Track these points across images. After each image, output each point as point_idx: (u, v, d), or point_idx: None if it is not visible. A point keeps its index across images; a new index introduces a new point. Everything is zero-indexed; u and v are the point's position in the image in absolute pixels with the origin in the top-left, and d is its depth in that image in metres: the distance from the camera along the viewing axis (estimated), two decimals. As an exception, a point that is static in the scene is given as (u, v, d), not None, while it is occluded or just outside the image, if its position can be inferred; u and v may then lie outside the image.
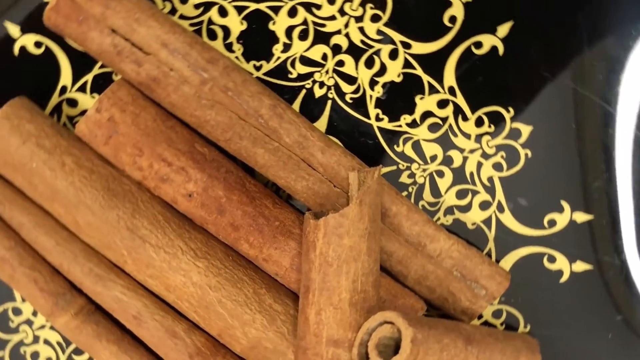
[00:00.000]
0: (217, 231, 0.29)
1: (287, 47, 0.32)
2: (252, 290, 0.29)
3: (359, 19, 0.31)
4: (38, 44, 0.31)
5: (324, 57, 0.32)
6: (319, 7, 0.31)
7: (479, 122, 0.31)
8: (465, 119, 0.31)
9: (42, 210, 0.30)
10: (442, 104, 0.31)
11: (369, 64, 0.31)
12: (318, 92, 0.32)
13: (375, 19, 0.31)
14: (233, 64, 0.29)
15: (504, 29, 0.31)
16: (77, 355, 0.32)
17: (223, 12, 0.31)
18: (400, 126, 0.32)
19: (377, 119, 0.32)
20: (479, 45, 0.31)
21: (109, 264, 0.30)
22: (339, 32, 0.31)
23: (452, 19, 0.31)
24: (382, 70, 0.31)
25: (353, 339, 0.26)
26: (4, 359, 0.32)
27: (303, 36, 0.31)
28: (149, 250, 0.28)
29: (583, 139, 0.31)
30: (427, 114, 0.32)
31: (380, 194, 0.28)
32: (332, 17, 0.31)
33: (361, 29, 0.31)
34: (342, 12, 0.31)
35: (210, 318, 0.29)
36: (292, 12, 0.31)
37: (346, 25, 0.31)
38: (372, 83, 0.32)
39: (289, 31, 0.31)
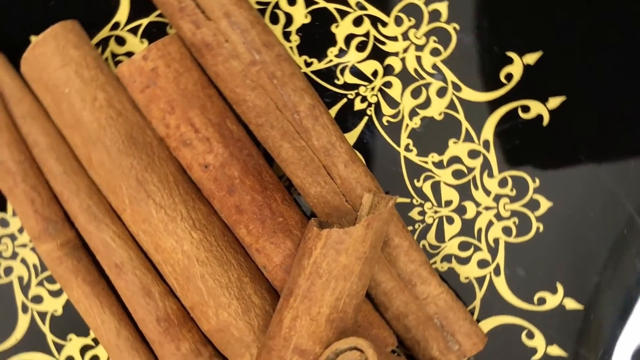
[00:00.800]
0: (221, 209, 0.29)
1: (342, 53, 0.31)
2: (236, 275, 0.29)
3: (419, 48, 0.31)
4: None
5: (375, 73, 0.31)
6: (385, 24, 0.31)
7: (502, 183, 0.31)
8: (490, 175, 0.31)
9: (60, 136, 0.30)
10: (473, 154, 0.31)
11: (416, 94, 0.31)
12: (358, 106, 0.32)
13: (435, 52, 0.31)
14: (286, 54, 0.29)
15: (555, 102, 0.31)
16: (49, 283, 0.32)
17: (292, 1, 0.31)
18: (426, 162, 0.32)
19: (407, 149, 0.32)
20: (526, 109, 0.31)
21: (108, 208, 0.29)
22: (396, 54, 0.31)
23: (509, 77, 0.31)
24: (426, 103, 0.31)
25: (319, 355, 0.26)
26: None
27: (361, 47, 0.31)
28: (151, 206, 0.28)
29: (597, 232, 0.31)
30: (455, 159, 0.31)
31: (389, 223, 0.28)
32: (394, 38, 0.31)
33: (418, 58, 0.31)
34: (405, 36, 0.31)
35: (188, 289, 0.29)
36: (358, 22, 0.31)
37: (405, 50, 0.31)
38: (413, 113, 0.31)
39: (348, 38, 0.31)
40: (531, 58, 0.31)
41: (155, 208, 0.28)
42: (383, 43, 0.31)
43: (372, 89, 0.32)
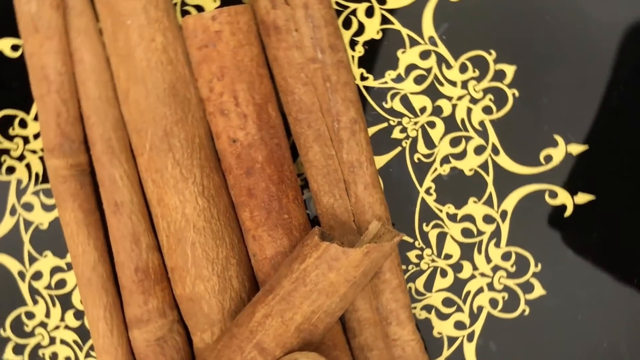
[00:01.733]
0: (233, 186, 0.29)
1: (399, 79, 0.31)
2: (225, 254, 0.29)
3: (473, 100, 0.31)
4: None
5: (423, 109, 0.31)
6: (449, 66, 0.31)
7: (506, 256, 0.31)
8: (497, 245, 0.31)
9: (106, 62, 0.30)
10: (487, 219, 0.31)
11: (455, 142, 0.31)
12: (396, 134, 0.32)
13: (487, 110, 0.31)
14: (347, 62, 0.29)
15: (584, 198, 0.31)
16: (44, 196, 0.32)
17: (370, 13, 0.31)
18: (441, 211, 0.31)
19: (427, 192, 0.31)
20: (553, 194, 0.31)
21: (127, 146, 0.29)
22: (450, 98, 0.31)
23: (548, 158, 0.31)
24: (461, 155, 0.31)
25: (277, 358, 0.26)
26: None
27: (419, 80, 0.31)
28: (169, 160, 0.28)
29: (577, 339, 0.31)
30: (469, 218, 0.31)
31: (387, 257, 0.28)
32: (454, 83, 0.31)
33: (469, 110, 0.31)
34: (464, 84, 0.31)
35: (175, 251, 0.29)
36: (425, 55, 0.31)
37: (460, 98, 0.31)
38: (445, 160, 0.31)
39: (410, 67, 0.31)
40: (576, 149, 0.31)
41: (172, 163, 0.28)
42: (441, 84, 0.31)
43: (415, 123, 0.31)
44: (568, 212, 0.31)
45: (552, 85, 0.31)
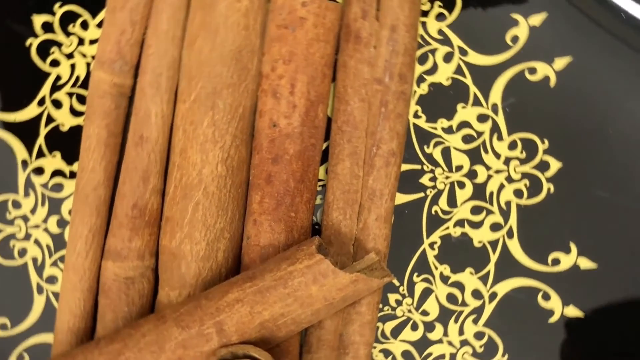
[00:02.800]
0: (256, 166, 0.29)
1: (448, 130, 0.31)
2: (222, 226, 0.29)
3: (509, 179, 0.31)
4: None
5: (459, 168, 0.31)
6: (501, 138, 0.31)
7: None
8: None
9: (184, 11, 0.30)
10: (482, 118, 0.31)
11: (475, 211, 0.31)
12: (424, 180, 0.31)
13: (518, 194, 0.31)
14: (409, 95, 0.29)
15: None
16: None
17: (448, 58, 0.31)
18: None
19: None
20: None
21: (173, 89, 0.29)
22: (488, 167, 0.31)
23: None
24: (476, 225, 0.31)
25: (229, 343, 0.26)
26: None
27: (467, 139, 0.31)
28: (207, 118, 0.28)
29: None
30: (465, 124, 0.31)
31: (369, 293, 0.28)
32: (498, 155, 0.31)
33: (501, 187, 0.31)
34: (507, 161, 0.31)
35: (177, 203, 0.29)
36: (482, 119, 0.31)
37: (497, 172, 0.31)
38: (459, 223, 0.31)
39: (463, 124, 0.31)
40: (585, 263, 0.31)
41: (209, 121, 0.28)
42: (486, 151, 0.31)
43: (447, 177, 0.31)
44: (554, 318, 0.31)
45: (588, 198, 0.31)
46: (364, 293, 0.28)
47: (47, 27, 0.32)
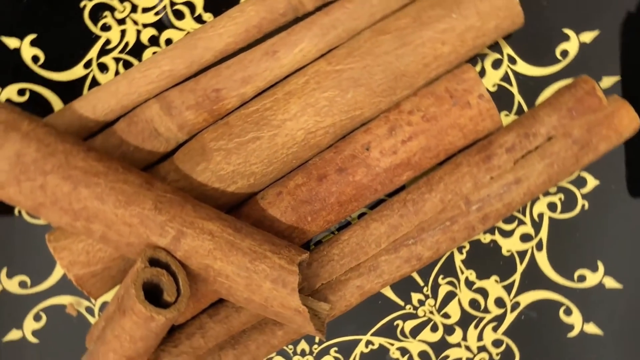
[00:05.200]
0: (321, 158, 0.30)
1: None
2: (256, 170, 0.29)
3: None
4: None
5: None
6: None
7: None
8: None
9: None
10: None
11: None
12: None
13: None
14: (494, 220, 0.30)
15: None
16: None
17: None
18: None
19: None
20: None
21: (332, 44, 0.30)
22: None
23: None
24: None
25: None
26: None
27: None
28: (328, 92, 0.29)
29: None
30: None
31: (298, 329, 0.29)
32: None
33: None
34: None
35: (245, 122, 0.29)
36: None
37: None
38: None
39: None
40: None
41: (328, 96, 0.29)
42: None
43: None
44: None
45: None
46: (292, 324, 0.28)
47: (103, -10, 0.32)
